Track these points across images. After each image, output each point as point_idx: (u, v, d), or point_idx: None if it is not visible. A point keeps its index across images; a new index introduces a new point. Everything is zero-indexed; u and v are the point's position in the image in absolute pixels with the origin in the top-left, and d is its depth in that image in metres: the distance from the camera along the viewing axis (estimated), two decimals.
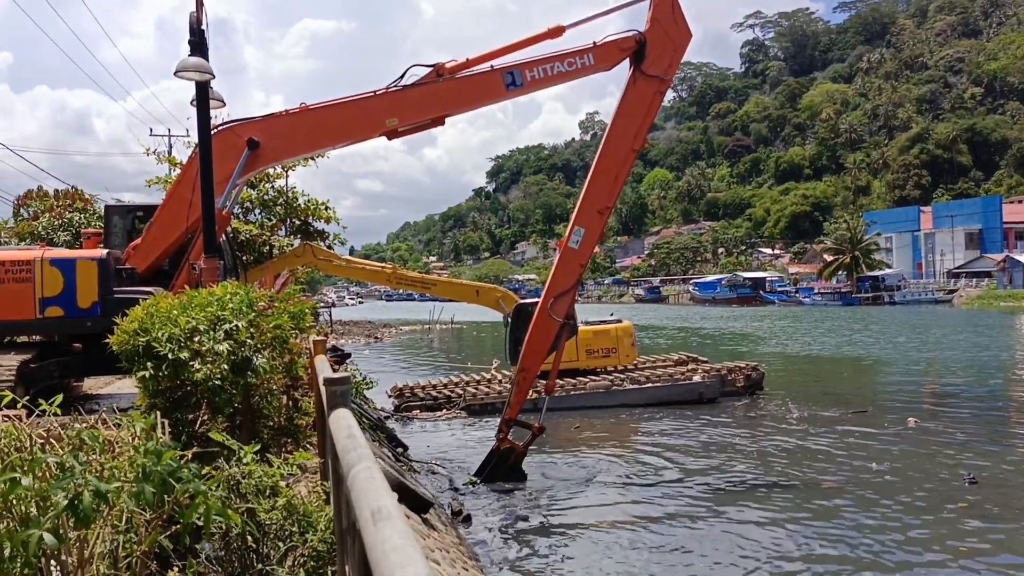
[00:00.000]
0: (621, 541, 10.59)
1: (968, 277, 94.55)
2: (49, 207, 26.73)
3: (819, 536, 10.40)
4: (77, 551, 2.99)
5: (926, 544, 10.00)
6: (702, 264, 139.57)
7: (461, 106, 12.99)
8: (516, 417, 13.26)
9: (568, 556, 10.14)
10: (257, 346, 6.03)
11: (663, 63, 12.57)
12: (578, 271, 13.04)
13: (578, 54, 12.53)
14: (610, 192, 12.80)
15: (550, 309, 12.78)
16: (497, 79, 12.44)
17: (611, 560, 9.94)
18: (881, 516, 11.17)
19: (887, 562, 9.45)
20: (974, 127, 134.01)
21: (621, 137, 12.68)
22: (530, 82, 12.48)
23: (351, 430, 2.70)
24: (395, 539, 1.55)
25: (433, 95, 12.44)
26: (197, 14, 11.56)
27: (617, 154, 12.69)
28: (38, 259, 11.49)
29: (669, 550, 10.12)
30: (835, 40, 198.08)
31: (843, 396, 22.81)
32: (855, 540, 10.18)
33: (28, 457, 2.91)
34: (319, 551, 4.45)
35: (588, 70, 12.67)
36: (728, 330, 54.73)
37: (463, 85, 12.53)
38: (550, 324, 12.85)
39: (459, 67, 12.45)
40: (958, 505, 11.53)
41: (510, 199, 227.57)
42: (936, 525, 10.76)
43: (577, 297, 13.47)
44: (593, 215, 12.81)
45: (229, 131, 12.41)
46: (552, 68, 12.48)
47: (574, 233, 12.76)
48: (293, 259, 23.06)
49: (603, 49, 12.56)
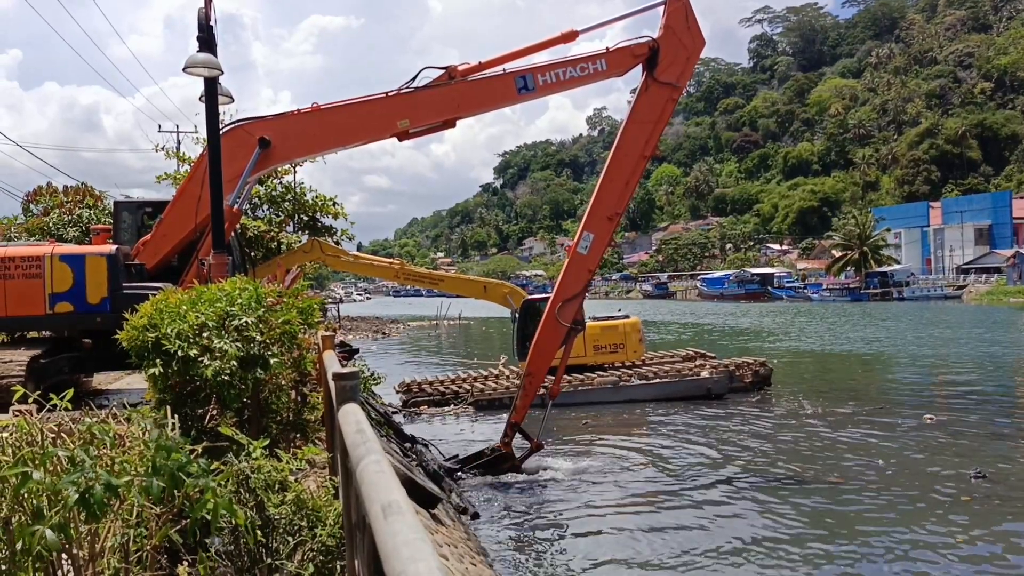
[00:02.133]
0: (629, 536, 10.59)
1: (977, 273, 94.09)
2: (59, 203, 26.81)
3: (820, 531, 10.39)
4: (88, 545, 3.00)
5: (926, 538, 10.00)
6: (710, 260, 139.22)
7: (472, 109, 12.93)
8: (521, 422, 13.25)
9: (575, 552, 10.15)
10: (266, 341, 6.04)
11: (676, 70, 12.49)
12: (587, 277, 12.97)
13: (591, 59, 12.49)
14: (620, 198, 12.71)
15: (557, 314, 12.74)
16: (509, 83, 12.42)
17: (618, 555, 9.94)
18: (885, 510, 11.18)
19: (886, 554, 9.43)
20: (984, 122, 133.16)
21: (632, 143, 12.59)
22: (542, 86, 12.45)
23: (360, 425, 2.70)
24: (406, 533, 1.54)
25: (445, 98, 12.41)
26: (206, 10, 11.54)
27: (628, 160, 12.61)
28: (48, 255, 11.54)
29: (677, 545, 10.11)
30: (844, 35, 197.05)
31: (852, 392, 22.73)
32: (857, 534, 10.18)
33: (39, 451, 2.92)
34: (328, 546, 4.46)
35: (600, 75, 12.60)
36: (736, 326, 54.60)
37: (475, 88, 12.50)
38: (557, 328, 12.82)
39: (471, 70, 12.45)
40: (961, 499, 11.51)
41: (517, 195, 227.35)
42: (938, 519, 10.76)
43: (585, 293, 13.42)
44: (603, 221, 12.72)
45: (240, 129, 12.40)
46: (564, 73, 12.44)
47: (583, 239, 12.69)
48: (301, 255, 23.05)
49: (616, 55, 12.51)
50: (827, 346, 37.88)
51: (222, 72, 11.47)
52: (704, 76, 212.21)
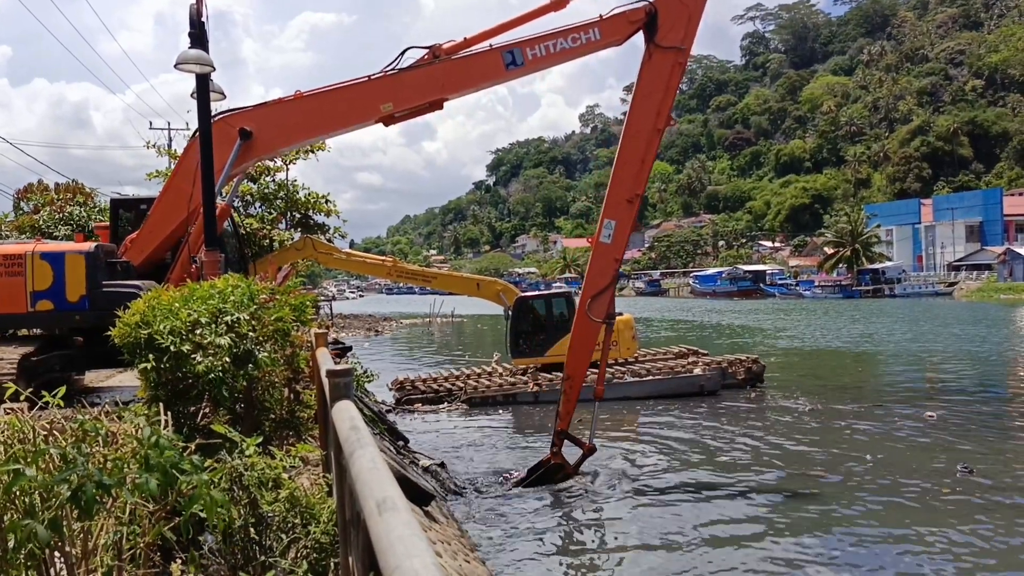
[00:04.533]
0: (621, 531, 10.61)
1: (968, 270, 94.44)
2: (49, 201, 26.71)
3: (810, 528, 10.44)
4: (81, 542, 2.99)
5: (898, 531, 10.07)
6: (702, 257, 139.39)
7: (459, 88, 12.40)
8: (567, 429, 12.62)
9: (568, 547, 10.17)
10: (259, 339, 6.03)
11: (679, 33, 11.63)
12: (614, 266, 12.23)
13: (582, 29, 11.81)
14: (637, 178, 11.94)
15: (588, 310, 12.09)
16: (496, 59, 11.90)
17: (610, 549, 9.97)
18: (868, 505, 11.26)
19: (861, 546, 9.49)
20: (975, 119, 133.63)
21: (643, 118, 11.89)
22: (531, 60, 11.87)
23: (354, 421, 2.70)
24: (401, 529, 1.55)
25: (429, 77, 12.02)
26: (197, 6, 11.52)
27: (640, 137, 11.88)
28: (29, 253, 11.53)
29: (669, 540, 10.13)
30: (836, 32, 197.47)
31: (845, 388, 22.83)
32: (839, 530, 10.23)
33: (32, 448, 2.91)
34: (322, 543, 4.46)
35: (595, 46, 11.96)
36: (728, 323, 54.72)
37: (460, 66, 12.08)
38: (590, 326, 12.19)
39: (456, 47, 12.03)
40: (944, 494, 11.57)
41: (510, 192, 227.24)
42: (916, 512, 10.83)
43: (615, 285, 12.69)
44: (622, 205, 12.00)
45: (220, 122, 12.18)
46: (555, 45, 11.84)
47: (604, 227, 12.00)
48: (294, 252, 23.04)
49: (610, 23, 11.79)
50: (819, 343, 38.00)
51: (214, 68, 11.44)
52: (696, 74, 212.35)
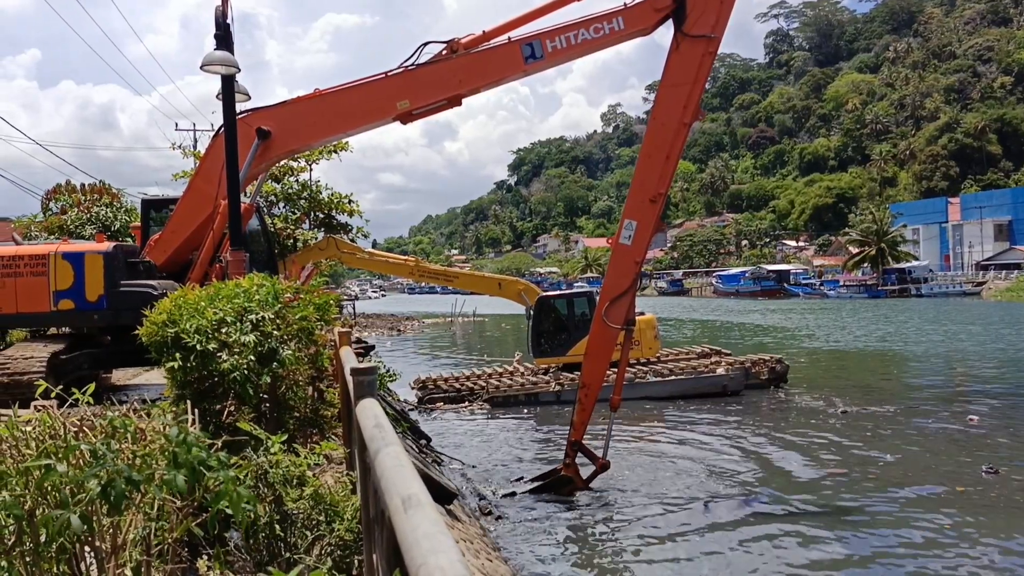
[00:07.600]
0: (645, 531, 10.57)
1: (997, 269, 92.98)
2: (77, 201, 27.06)
3: (826, 531, 10.34)
4: (110, 537, 3.04)
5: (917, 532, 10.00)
6: (725, 257, 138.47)
7: (476, 83, 11.98)
8: (582, 440, 12.01)
9: (590, 549, 10.15)
10: (283, 337, 6.07)
11: (709, 19, 10.80)
12: (634, 269, 11.51)
13: (605, 18, 11.22)
14: (662, 175, 11.15)
15: (605, 315, 11.40)
16: (515, 52, 11.48)
17: (634, 550, 9.94)
18: (887, 504, 11.20)
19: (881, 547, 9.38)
20: (1004, 117, 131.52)
21: (669, 111, 11.12)
22: (551, 53, 11.39)
23: (378, 419, 2.71)
24: (427, 526, 1.55)
25: (446, 73, 11.70)
26: (223, 7, 11.62)
27: (667, 131, 11.12)
28: (52, 253, 11.76)
29: (692, 546, 10.09)
30: (861, 30, 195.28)
31: (870, 389, 22.58)
32: (858, 530, 10.13)
33: (62, 444, 2.96)
34: (346, 540, 4.49)
35: (618, 36, 11.38)
36: (752, 323, 54.33)
37: (477, 60, 11.72)
38: (608, 332, 11.49)
39: (475, 41, 11.72)
40: (970, 495, 11.42)
41: (531, 192, 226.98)
42: (943, 513, 10.72)
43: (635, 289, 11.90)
44: (644, 204, 11.23)
45: (240, 121, 12.16)
46: (576, 36, 11.28)
47: (625, 228, 11.33)
48: (317, 252, 23.18)
49: (634, 11, 11.16)
50: (844, 343, 37.61)
51: (239, 70, 11.54)
52: (720, 72, 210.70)
